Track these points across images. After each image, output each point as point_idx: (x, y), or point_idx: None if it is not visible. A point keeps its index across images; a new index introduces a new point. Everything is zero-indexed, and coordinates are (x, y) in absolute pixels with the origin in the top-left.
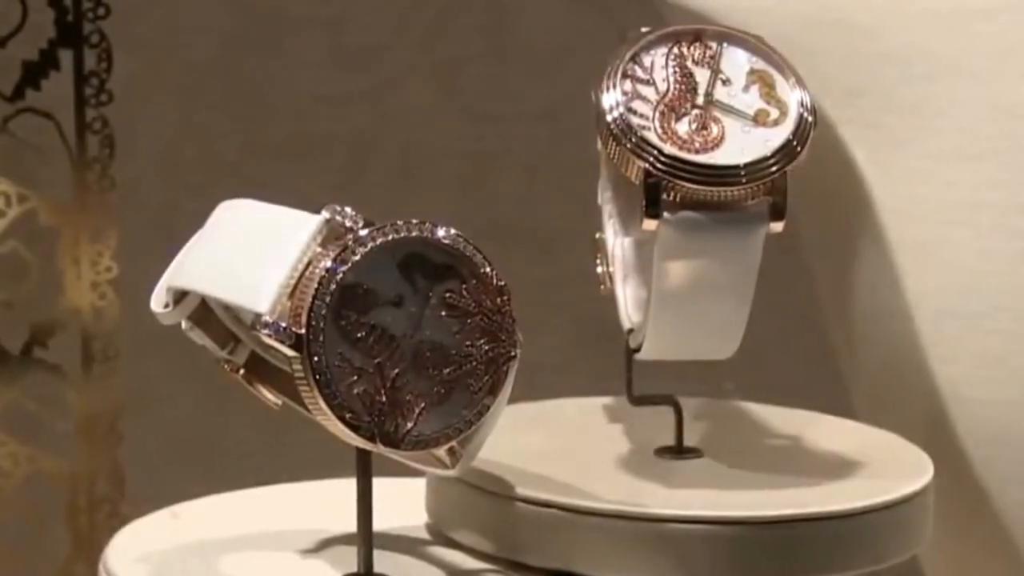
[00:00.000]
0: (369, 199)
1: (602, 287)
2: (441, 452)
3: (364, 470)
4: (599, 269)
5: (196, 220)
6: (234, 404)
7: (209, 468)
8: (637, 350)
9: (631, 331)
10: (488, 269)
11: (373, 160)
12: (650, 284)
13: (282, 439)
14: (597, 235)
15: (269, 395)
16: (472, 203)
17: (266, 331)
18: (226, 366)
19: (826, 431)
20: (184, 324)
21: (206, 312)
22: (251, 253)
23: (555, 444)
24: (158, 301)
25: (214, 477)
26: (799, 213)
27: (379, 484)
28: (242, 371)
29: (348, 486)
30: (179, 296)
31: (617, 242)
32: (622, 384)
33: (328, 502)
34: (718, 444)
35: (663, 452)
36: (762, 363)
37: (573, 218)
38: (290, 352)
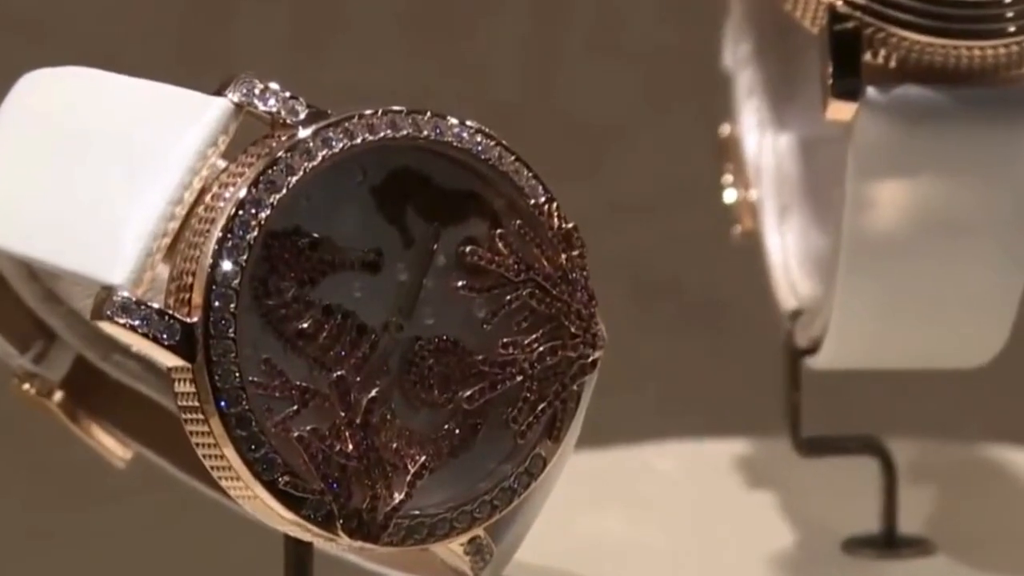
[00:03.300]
0: (253, 59)
1: (736, 228)
2: (455, 548)
3: None
4: (729, 194)
5: None
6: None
7: None
8: (811, 350)
9: (797, 315)
10: (542, 198)
11: None
12: (837, 224)
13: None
14: (724, 129)
15: (109, 440)
16: (434, 67)
17: (123, 319)
18: (26, 386)
19: None
20: None
21: None
22: (90, 173)
23: (653, 530)
24: None
25: None
26: None
27: None
28: (59, 395)
29: None
30: None
31: (766, 142)
32: (756, 412)
33: None
34: (961, 528)
35: (860, 546)
36: None
37: (626, 96)
38: (170, 359)
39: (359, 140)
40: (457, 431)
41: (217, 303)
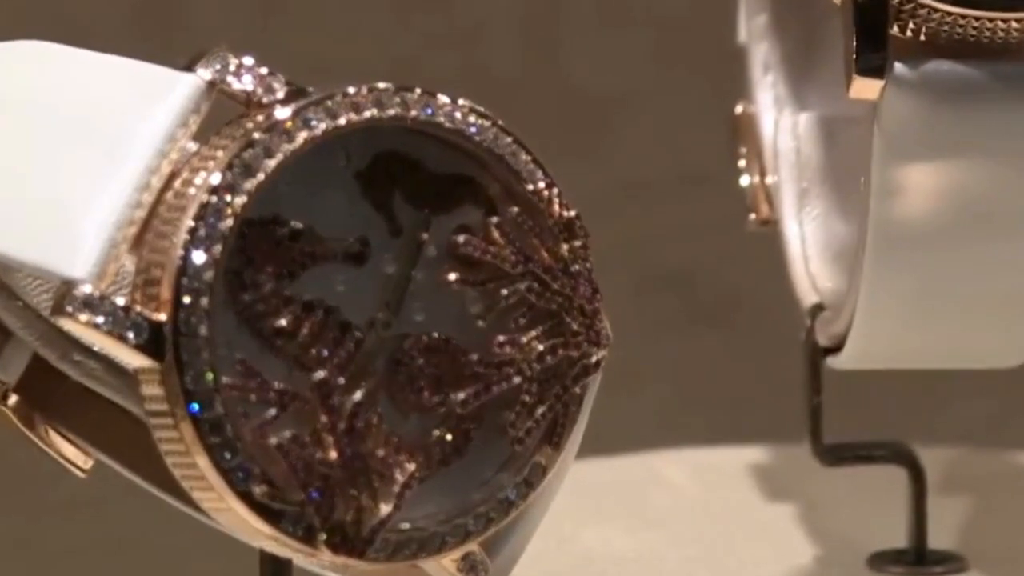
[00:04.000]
0: (217, 28)
1: (751, 217)
2: (447, 565)
3: None
4: (746, 179)
5: None
6: None
7: None
8: (833, 349)
9: (818, 311)
10: (542, 184)
11: None
12: (862, 212)
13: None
14: (739, 108)
15: (68, 448)
16: (423, 37)
17: (85, 316)
18: None
19: None
20: None
21: None
22: (47, 156)
23: (661, 545)
24: None
25: None
26: None
27: None
28: (13, 398)
29: None
30: None
31: (784, 123)
32: (773, 417)
33: None
34: (996, 543)
35: (887, 562)
36: None
37: (632, 68)
38: (137, 359)
39: (342, 121)
40: (449, 437)
41: (188, 298)
